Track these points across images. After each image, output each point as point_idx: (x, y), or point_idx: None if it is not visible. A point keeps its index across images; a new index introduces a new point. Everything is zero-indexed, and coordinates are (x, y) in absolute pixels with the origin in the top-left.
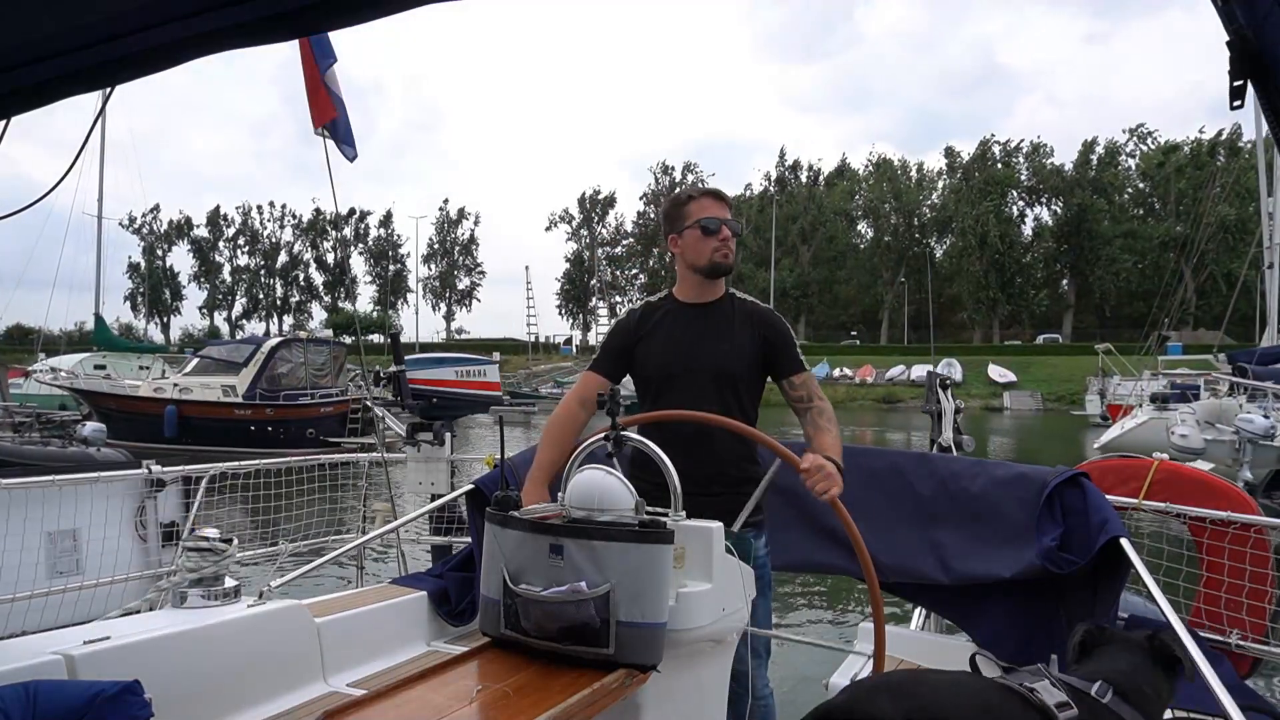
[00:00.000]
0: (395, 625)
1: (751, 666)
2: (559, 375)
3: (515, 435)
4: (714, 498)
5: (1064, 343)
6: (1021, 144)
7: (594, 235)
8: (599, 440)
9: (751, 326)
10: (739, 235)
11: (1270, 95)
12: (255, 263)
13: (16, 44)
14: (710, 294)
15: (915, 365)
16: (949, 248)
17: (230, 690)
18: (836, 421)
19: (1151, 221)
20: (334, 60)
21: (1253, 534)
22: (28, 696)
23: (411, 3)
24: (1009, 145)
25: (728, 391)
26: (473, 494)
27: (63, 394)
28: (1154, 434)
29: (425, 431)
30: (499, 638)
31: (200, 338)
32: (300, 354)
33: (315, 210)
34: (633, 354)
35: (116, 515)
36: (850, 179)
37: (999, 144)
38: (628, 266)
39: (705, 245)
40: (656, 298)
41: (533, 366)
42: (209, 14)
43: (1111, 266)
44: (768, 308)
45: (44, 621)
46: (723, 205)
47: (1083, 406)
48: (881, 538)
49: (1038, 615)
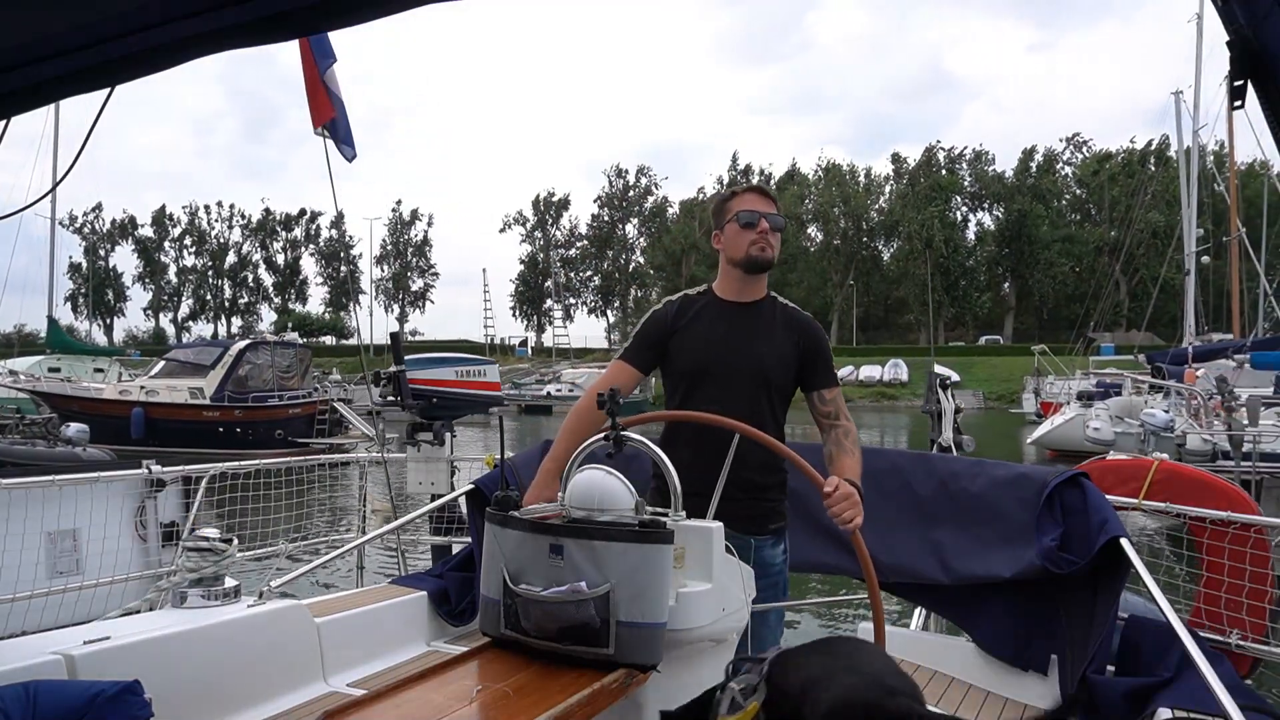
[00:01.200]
0: (395, 625)
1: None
2: (516, 377)
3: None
4: (736, 503)
5: (1005, 343)
6: (965, 151)
7: (548, 238)
8: (599, 441)
9: (791, 332)
10: (781, 229)
11: (1270, 95)
12: (203, 263)
13: (16, 44)
14: (751, 293)
15: (864, 365)
16: (896, 251)
17: (230, 690)
18: (859, 445)
19: (1088, 226)
20: (333, 60)
21: (1253, 534)
22: (28, 696)
23: (411, 3)
24: (953, 152)
25: (761, 395)
26: (473, 494)
27: (21, 397)
28: (1078, 429)
29: (425, 431)
30: (499, 638)
31: (145, 340)
32: (268, 356)
33: (265, 210)
34: (666, 347)
35: (116, 515)
36: (800, 183)
37: (944, 151)
38: (582, 269)
39: (743, 238)
40: (695, 291)
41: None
42: (209, 14)
43: (1050, 270)
44: (809, 315)
45: (44, 621)
46: (766, 200)
47: (1020, 405)
48: (881, 538)
49: (1038, 615)
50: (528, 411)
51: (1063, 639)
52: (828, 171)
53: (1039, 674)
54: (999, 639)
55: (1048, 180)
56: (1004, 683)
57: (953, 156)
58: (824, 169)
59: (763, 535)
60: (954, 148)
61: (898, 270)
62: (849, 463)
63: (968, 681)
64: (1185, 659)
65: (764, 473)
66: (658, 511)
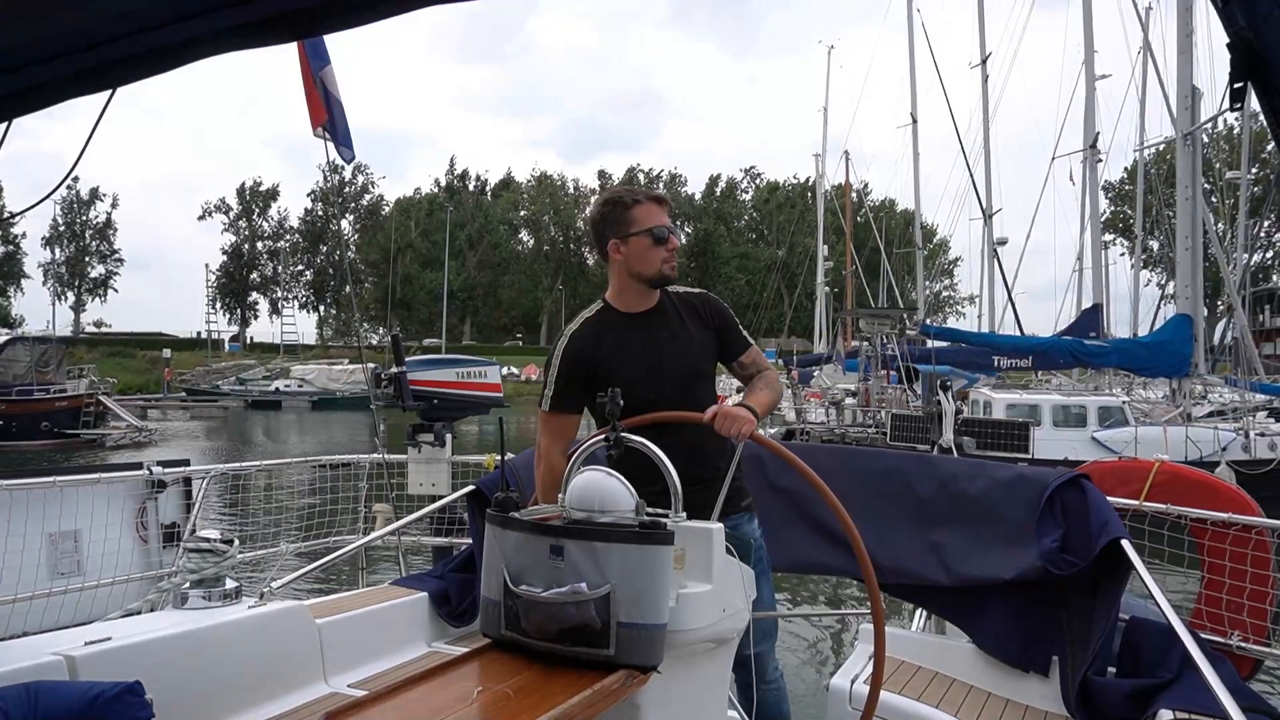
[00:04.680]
0: (396, 626)
1: (760, 650)
2: (242, 373)
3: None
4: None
5: None
6: (662, 173)
7: (254, 229)
8: (598, 441)
9: (697, 316)
10: (680, 245)
11: (1270, 96)
12: None
13: (19, 45)
14: (650, 299)
15: None
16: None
17: (231, 691)
18: (777, 388)
19: (761, 245)
20: (326, 62)
21: (1254, 535)
22: (29, 697)
23: (411, 4)
24: (651, 173)
25: (699, 388)
26: (473, 495)
27: None
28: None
29: (426, 433)
30: (499, 639)
31: None
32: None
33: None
34: (592, 378)
35: (117, 516)
36: (515, 190)
37: (643, 172)
38: (292, 263)
39: (654, 255)
40: (592, 313)
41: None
42: (211, 15)
43: (729, 284)
44: (700, 291)
45: (45, 623)
46: (666, 210)
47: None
48: (882, 539)
49: (1038, 617)
50: (255, 407)
51: (1063, 640)
52: (540, 181)
53: (1040, 675)
54: (1000, 640)
55: (729, 204)
56: (1005, 684)
57: (651, 177)
58: (536, 178)
59: (738, 513)
60: (652, 169)
61: (601, 276)
62: (752, 396)
63: (968, 683)
64: (1186, 660)
65: (725, 457)
66: (658, 512)
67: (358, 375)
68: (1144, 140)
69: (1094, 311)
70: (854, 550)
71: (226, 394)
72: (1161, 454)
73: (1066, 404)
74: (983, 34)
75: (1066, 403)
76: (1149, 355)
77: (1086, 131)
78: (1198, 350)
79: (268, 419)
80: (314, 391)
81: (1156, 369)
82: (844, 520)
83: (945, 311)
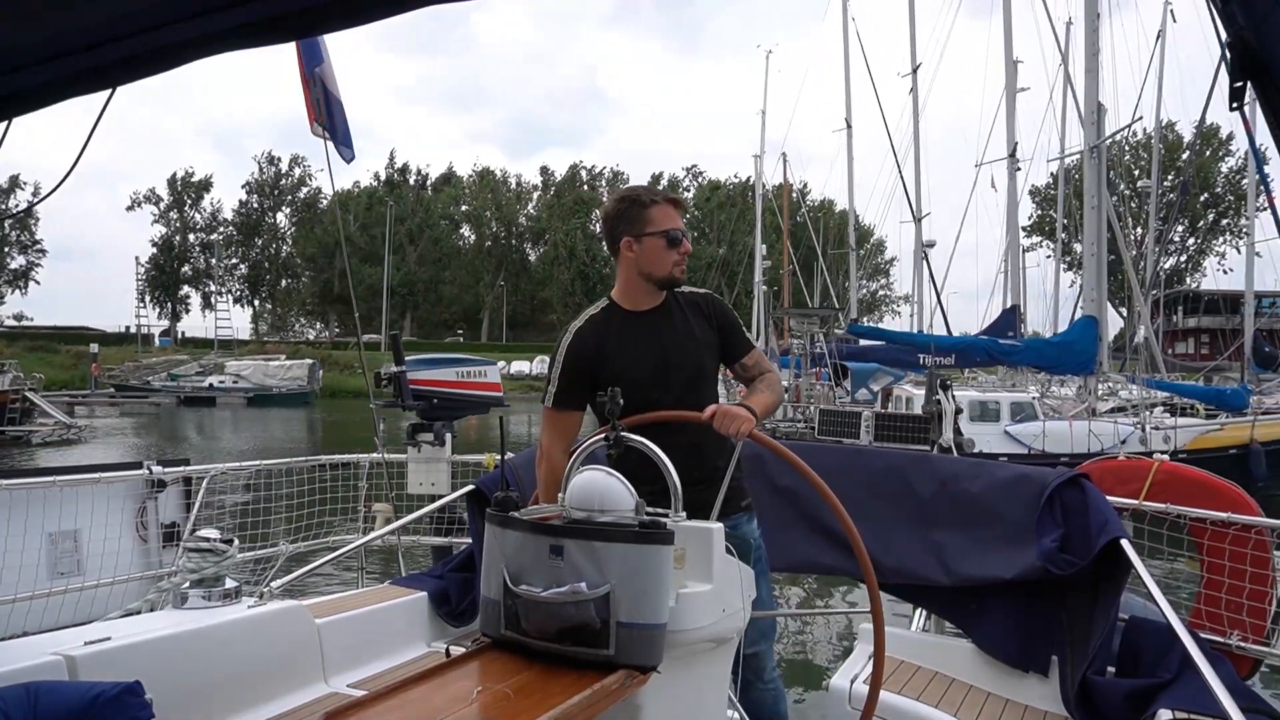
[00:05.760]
0: (396, 626)
1: (758, 650)
2: (174, 369)
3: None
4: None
5: None
6: (605, 170)
7: (185, 220)
8: (598, 441)
9: (702, 316)
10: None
11: (1270, 96)
12: None
13: (19, 45)
14: (656, 298)
15: (515, 361)
16: (542, 256)
17: (231, 691)
18: (778, 390)
19: (703, 243)
20: (320, 62)
21: (1253, 535)
22: (29, 697)
23: (411, 4)
24: (594, 170)
25: (703, 388)
26: (473, 494)
27: None
28: None
29: (426, 432)
30: (499, 639)
31: None
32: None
33: None
34: (596, 376)
35: (117, 516)
36: (456, 185)
37: (586, 169)
38: (226, 256)
39: (667, 257)
40: (598, 310)
41: (143, 359)
42: (211, 15)
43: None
44: (705, 291)
45: (45, 622)
46: (680, 213)
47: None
48: (882, 539)
49: (1038, 616)
50: (187, 403)
51: (1063, 640)
52: (481, 176)
53: (1039, 675)
54: (999, 640)
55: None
56: (1004, 684)
57: (594, 175)
58: (479, 173)
59: (737, 513)
60: (595, 166)
61: (543, 273)
62: (752, 397)
63: (968, 682)
64: (1186, 660)
65: (725, 456)
66: (657, 512)
67: (295, 371)
68: (1064, 149)
69: (1011, 312)
70: (854, 550)
71: (158, 390)
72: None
73: (984, 400)
74: (914, 44)
75: (984, 399)
76: (1057, 354)
77: (1008, 141)
78: (1102, 349)
79: (201, 416)
80: (249, 388)
81: (1064, 367)
82: (844, 520)
83: (881, 310)
